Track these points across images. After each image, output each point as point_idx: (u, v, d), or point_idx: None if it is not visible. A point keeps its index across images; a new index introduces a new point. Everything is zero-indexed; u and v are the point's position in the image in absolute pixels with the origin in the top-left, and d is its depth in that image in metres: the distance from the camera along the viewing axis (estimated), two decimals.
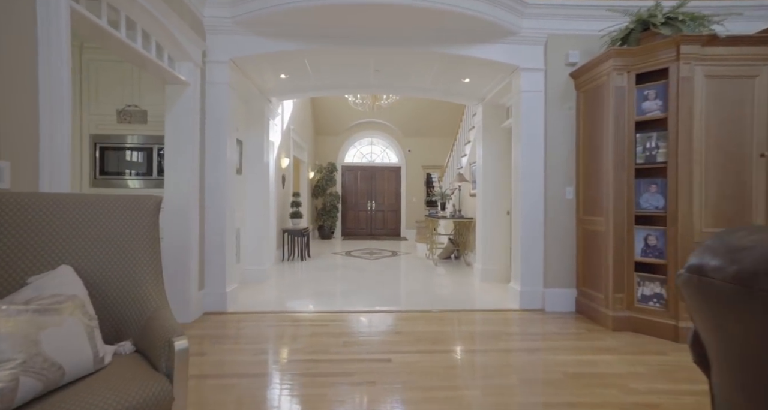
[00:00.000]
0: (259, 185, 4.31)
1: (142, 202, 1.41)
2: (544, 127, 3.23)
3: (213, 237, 3.12)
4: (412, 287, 4.13)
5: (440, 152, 10.05)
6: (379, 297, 3.67)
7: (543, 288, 3.18)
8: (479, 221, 4.42)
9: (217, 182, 3.12)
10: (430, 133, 9.97)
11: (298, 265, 5.47)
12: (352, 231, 10.07)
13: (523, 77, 3.24)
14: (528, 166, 3.23)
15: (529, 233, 3.21)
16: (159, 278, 1.37)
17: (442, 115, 9.36)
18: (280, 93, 4.30)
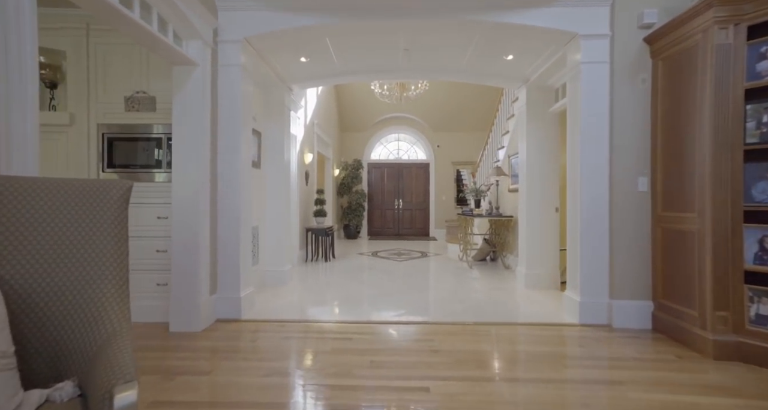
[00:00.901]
0: (279, 180, 4.01)
1: (106, 189, 1.08)
2: (608, 105, 2.67)
3: (226, 237, 2.82)
4: (446, 293, 3.67)
5: (471, 147, 9.47)
6: (410, 305, 3.25)
7: (609, 300, 2.63)
8: (522, 219, 3.88)
9: (230, 175, 2.82)
10: (461, 127, 9.42)
11: (322, 267, 5.15)
12: (378, 231, 9.70)
13: (582, 47, 2.70)
14: (588, 153, 2.69)
15: (590, 233, 2.67)
16: (123, 290, 1.02)
17: (473, 108, 8.78)
18: (301, 80, 3.97)
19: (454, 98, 8.56)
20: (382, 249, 7.07)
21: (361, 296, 3.55)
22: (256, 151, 3.72)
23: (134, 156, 2.75)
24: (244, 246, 2.90)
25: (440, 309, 3.13)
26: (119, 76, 2.76)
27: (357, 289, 3.82)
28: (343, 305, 3.24)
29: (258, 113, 3.79)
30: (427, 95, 7.91)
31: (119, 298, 0.99)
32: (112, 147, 2.75)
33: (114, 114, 2.75)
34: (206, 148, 2.66)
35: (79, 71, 2.75)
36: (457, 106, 8.80)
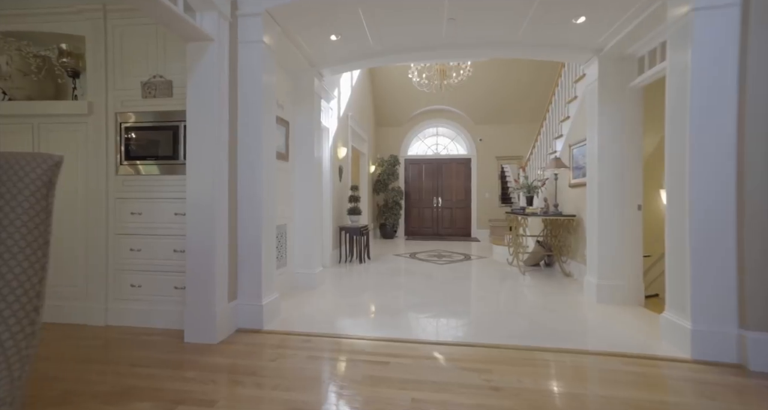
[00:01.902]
0: (309, 174, 3.67)
1: (23, 165, 0.72)
2: (736, 68, 1.99)
3: (246, 237, 2.50)
4: (498, 305, 3.12)
5: (518, 140, 8.68)
6: (456, 319, 2.75)
7: (739, 330, 1.95)
8: (591, 219, 3.22)
9: (251, 167, 2.49)
10: (505, 119, 8.65)
11: (356, 269, 4.77)
12: (416, 231, 9.21)
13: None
14: (703, 136, 2.03)
15: (705, 239, 2.01)
16: (35, 302, 0.65)
17: (520, 96, 8.00)
18: (331, 62, 3.60)
19: (498, 86, 7.85)
20: (420, 250, 6.58)
21: (398, 305, 3.11)
22: (282, 142, 3.40)
23: (151, 146, 2.51)
24: (267, 248, 2.57)
25: (494, 326, 2.60)
26: (136, 60, 2.53)
27: (394, 297, 3.38)
28: (378, 316, 2.82)
29: (285, 101, 3.47)
30: (468, 84, 7.29)
31: (29, 310, 0.62)
32: (130, 137, 2.53)
33: (131, 101, 2.53)
34: (224, 136, 2.35)
35: (98, 57, 2.56)
36: (502, 96, 8.07)
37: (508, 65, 7.38)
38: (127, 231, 2.53)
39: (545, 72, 7.35)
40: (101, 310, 2.53)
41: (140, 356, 2.05)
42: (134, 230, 2.52)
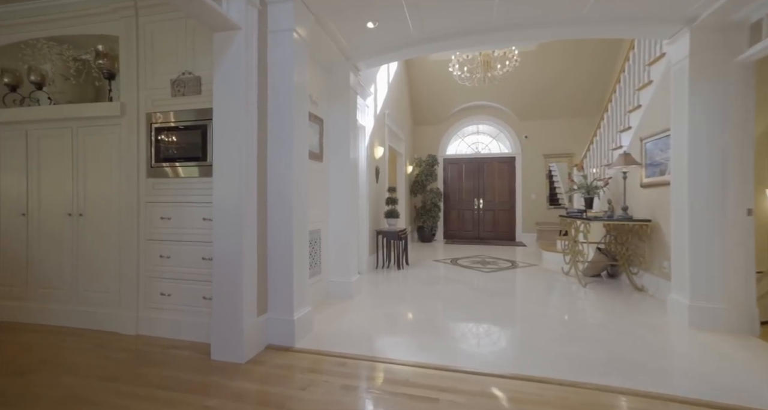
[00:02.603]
0: (344, 175, 3.43)
1: None
2: None
3: (277, 244, 2.28)
4: (562, 325, 2.67)
5: (568, 136, 7.94)
6: (513, 342, 2.35)
7: None
8: (678, 225, 2.67)
9: (282, 169, 2.27)
10: (555, 113, 7.95)
11: (394, 276, 4.47)
12: (456, 234, 8.75)
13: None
14: None
15: None
16: None
17: (570, 89, 7.29)
18: (368, 53, 3.33)
19: (545, 78, 7.20)
20: (461, 255, 6.14)
21: (443, 322, 2.75)
22: (316, 141, 3.18)
23: (179, 147, 2.37)
24: (299, 256, 2.33)
25: (561, 353, 2.17)
26: (166, 57, 2.42)
27: (437, 311, 3.03)
28: (420, 335, 2.49)
29: (319, 96, 3.25)
30: (513, 77, 6.74)
31: None
32: (159, 138, 2.41)
33: (161, 100, 2.42)
34: (252, 134, 2.14)
35: (130, 56, 2.47)
36: (550, 88, 7.39)
37: (557, 54, 6.74)
38: (157, 237, 2.41)
39: (601, 59, 6.63)
40: (132, 319, 2.44)
41: (164, 375, 1.88)
42: (164, 236, 2.40)
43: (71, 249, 2.63)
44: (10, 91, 2.82)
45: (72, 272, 2.63)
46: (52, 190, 2.68)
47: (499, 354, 2.19)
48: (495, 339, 2.41)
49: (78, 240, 2.62)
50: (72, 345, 2.28)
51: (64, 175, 2.65)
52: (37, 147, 2.71)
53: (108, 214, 2.54)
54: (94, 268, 2.58)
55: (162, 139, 2.40)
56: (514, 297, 3.49)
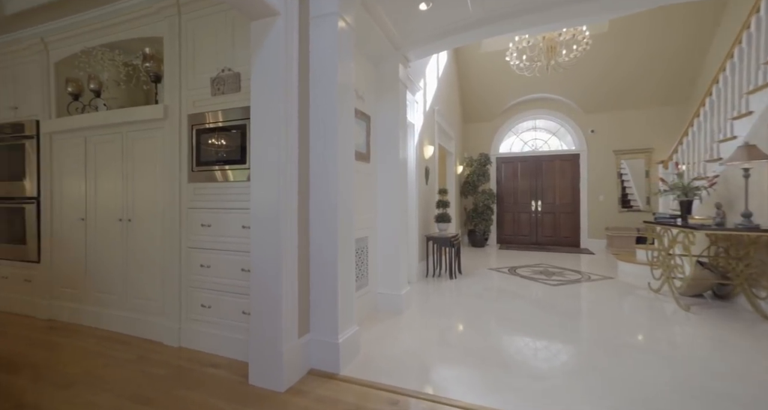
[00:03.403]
0: (394, 178, 3.12)
1: None
2: None
3: (319, 256, 2.03)
4: (671, 366, 2.10)
5: (647, 129, 6.93)
6: (610, 387, 1.86)
7: None
8: None
9: (326, 171, 2.02)
10: (627, 104, 6.99)
11: (447, 287, 4.07)
12: (510, 239, 8.07)
13: None
14: None
15: None
16: None
17: (648, 74, 6.32)
18: (420, 41, 2.99)
19: (621, 62, 6.31)
20: (520, 263, 5.55)
21: (511, 351, 2.33)
22: (363, 140, 2.91)
23: (218, 149, 2.22)
24: (344, 268, 2.06)
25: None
26: (206, 55, 2.28)
27: (502, 335, 2.60)
28: (486, 367, 2.09)
29: (365, 91, 2.98)
30: (580, 65, 6.00)
31: None
32: (200, 140, 2.28)
33: (201, 101, 2.29)
34: (293, 133, 1.91)
35: (173, 56, 2.38)
36: (626, 74, 6.48)
37: (636, 33, 5.86)
38: (197, 245, 2.29)
39: (692, 34, 5.64)
40: (175, 330, 2.33)
41: (199, 402, 1.70)
42: (204, 244, 2.26)
43: (122, 254, 2.62)
44: (73, 99, 2.91)
45: (122, 278, 2.62)
46: (106, 195, 2.69)
47: (592, 403, 1.72)
48: (583, 381, 1.94)
49: (127, 246, 2.59)
50: (117, 354, 2.22)
51: (115, 180, 2.64)
52: (93, 152, 2.75)
53: (153, 220, 2.48)
54: (142, 275, 2.53)
55: (203, 142, 2.27)
56: (595, 320, 2.93)
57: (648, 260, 4.02)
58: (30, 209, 3.06)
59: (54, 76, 2.94)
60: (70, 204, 2.87)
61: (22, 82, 3.10)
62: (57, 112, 2.94)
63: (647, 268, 4.14)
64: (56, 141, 2.94)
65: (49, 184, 2.97)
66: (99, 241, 2.72)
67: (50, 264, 2.96)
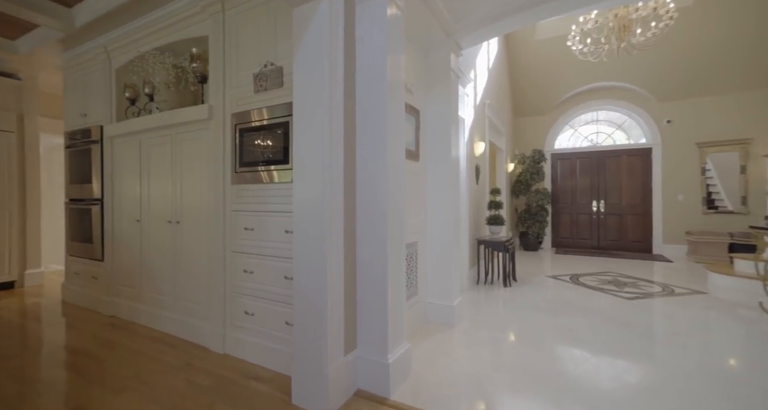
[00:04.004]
0: (445, 177, 2.85)
1: None
2: None
3: (367, 264, 1.83)
4: None
5: (742, 116, 5.93)
6: None
7: None
8: None
9: (374, 172, 1.82)
10: (718, 88, 6.03)
11: (501, 296, 3.71)
12: (567, 242, 7.39)
13: None
14: None
15: None
16: None
17: (751, 50, 5.37)
18: (474, 26, 2.69)
19: (710, 39, 5.44)
20: (582, 270, 4.99)
21: (589, 382, 1.96)
22: (412, 137, 2.67)
23: (261, 149, 2.11)
24: (395, 279, 1.85)
25: None
26: (249, 50, 2.19)
27: (575, 359, 2.23)
28: (561, 402, 1.76)
29: (414, 83, 2.74)
30: (657, 46, 5.24)
31: None
32: (242, 140, 2.19)
33: (245, 99, 2.20)
34: (338, 130, 1.73)
35: (217, 55, 2.32)
36: (711, 55, 5.59)
37: (724, 3, 5.00)
38: (241, 249, 2.20)
39: None
40: (220, 336, 2.27)
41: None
42: (247, 248, 2.17)
43: (171, 257, 2.63)
44: (131, 104, 3.00)
45: (172, 280, 2.63)
46: (157, 197, 2.73)
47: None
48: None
49: (175, 248, 2.60)
50: (167, 358, 2.20)
51: (165, 182, 2.67)
52: (147, 155, 2.80)
53: (199, 223, 2.45)
54: (189, 278, 2.52)
55: (245, 142, 2.17)
56: (691, 346, 2.44)
57: (758, 274, 3.34)
58: (95, 210, 3.23)
59: (115, 83, 3.06)
60: (127, 205, 2.97)
61: (90, 90, 3.27)
62: (117, 116, 3.06)
63: (753, 283, 3.46)
64: (116, 144, 3.05)
65: (111, 186, 3.10)
66: (152, 242, 2.77)
67: (112, 262, 3.09)
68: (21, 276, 4.09)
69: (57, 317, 3.03)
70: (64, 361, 2.17)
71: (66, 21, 3.00)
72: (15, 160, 4.04)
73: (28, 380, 1.95)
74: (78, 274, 3.45)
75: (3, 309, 3.29)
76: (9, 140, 4.04)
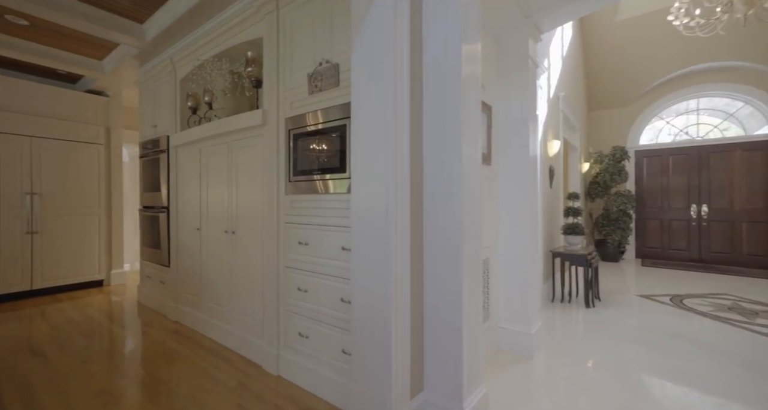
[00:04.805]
0: (521, 182, 2.45)
1: None
2: None
3: (438, 288, 1.53)
4: None
5: None
6: None
7: None
8: None
9: (445, 180, 1.51)
10: None
11: (583, 320, 3.15)
12: (656, 253, 6.36)
13: None
14: None
15: None
16: None
17: None
18: (556, 3, 2.24)
19: None
20: (684, 290, 4.15)
21: None
22: (484, 137, 2.31)
23: (315, 156, 1.91)
24: (471, 306, 1.52)
25: None
26: (304, 48, 2.01)
27: None
28: None
29: (486, 76, 2.37)
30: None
31: None
32: (296, 146, 2.02)
33: (299, 101, 2.03)
34: (403, 132, 1.45)
35: (271, 57, 2.19)
36: None
37: None
38: (295, 265, 2.03)
39: None
40: (273, 356, 2.13)
41: None
42: (301, 264, 1.99)
43: (228, 267, 2.58)
44: (192, 113, 3.04)
45: (228, 292, 2.57)
46: (215, 207, 2.70)
47: None
48: None
49: (232, 259, 2.53)
50: (221, 376, 2.11)
51: (222, 192, 2.62)
52: (207, 163, 2.80)
53: (253, 234, 2.34)
54: (244, 291, 2.43)
55: (299, 148, 2.00)
56: None
57: None
58: (163, 217, 3.34)
59: (179, 93, 3.13)
60: (189, 214, 3.00)
61: (159, 101, 3.41)
62: (180, 125, 3.12)
63: None
64: (180, 153, 3.12)
65: (175, 195, 3.18)
66: (210, 252, 2.75)
67: (176, 269, 3.16)
68: (108, 276, 4.46)
69: (132, 319, 3.18)
70: (131, 372, 2.18)
71: (139, 36, 3.14)
72: (103, 169, 4.42)
73: (94, 389, 1.96)
74: (149, 278, 3.61)
75: (92, 306, 3.55)
76: (99, 152, 4.42)
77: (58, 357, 2.36)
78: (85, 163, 4.27)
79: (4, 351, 2.47)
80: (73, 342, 2.61)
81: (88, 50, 3.65)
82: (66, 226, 4.08)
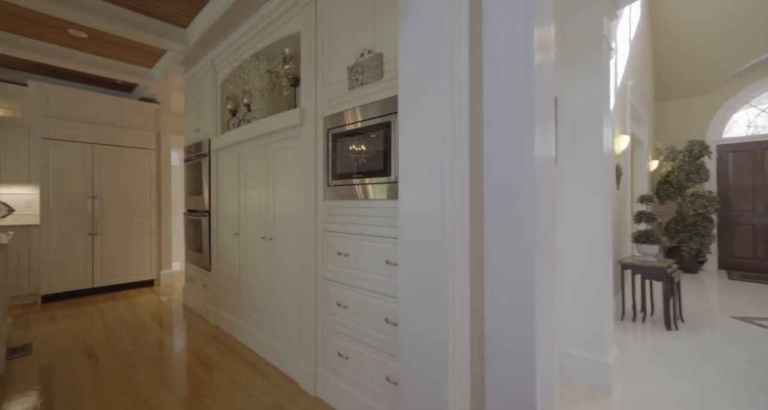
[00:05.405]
0: (592, 182, 2.09)
1: None
2: None
3: (500, 303, 1.26)
4: None
5: None
6: None
7: None
8: None
9: (508, 183, 1.24)
10: None
11: (666, 346, 2.67)
12: (746, 264, 5.47)
13: None
14: None
15: None
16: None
17: None
18: None
19: None
20: None
21: None
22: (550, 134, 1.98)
23: (356, 158, 1.72)
24: (542, 328, 1.23)
25: None
26: (344, 39, 1.83)
27: None
28: None
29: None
30: None
31: None
32: (335, 147, 1.84)
33: (338, 98, 1.85)
34: (462, 127, 1.21)
35: (309, 51, 2.04)
36: None
37: None
38: (334, 278, 1.85)
39: None
40: (311, 375, 1.97)
41: None
42: (341, 277, 1.81)
43: (264, 276, 2.47)
44: (232, 115, 3.00)
45: (266, 300, 2.46)
46: (252, 213, 2.62)
47: None
48: None
49: (269, 267, 2.42)
50: (257, 393, 1.99)
51: (260, 197, 2.52)
52: (245, 167, 2.73)
53: (291, 241, 2.20)
54: (281, 301, 2.30)
55: (339, 149, 1.82)
56: None
57: None
58: (204, 221, 3.35)
59: (220, 95, 3.11)
60: (229, 219, 2.96)
61: (202, 105, 3.43)
62: (221, 129, 3.10)
63: None
64: (221, 157, 3.09)
65: (216, 199, 3.16)
66: (248, 258, 2.67)
67: (217, 274, 3.14)
68: (158, 276, 4.64)
69: (175, 322, 3.21)
70: (170, 382, 2.13)
71: (183, 41, 3.17)
72: (154, 173, 4.60)
73: (134, 398, 1.92)
74: (193, 280, 3.66)
75: (142, 306, 3.67)
76: (150, 157, 4.61)
77: (107, 360, 2.38)
78: (137, 167, 4.45)
79: (65, 348, 2.57)
80: (122, 344, 2.65)
81: (140, 59, 3.78)
82: (121, 228, 4.28)
